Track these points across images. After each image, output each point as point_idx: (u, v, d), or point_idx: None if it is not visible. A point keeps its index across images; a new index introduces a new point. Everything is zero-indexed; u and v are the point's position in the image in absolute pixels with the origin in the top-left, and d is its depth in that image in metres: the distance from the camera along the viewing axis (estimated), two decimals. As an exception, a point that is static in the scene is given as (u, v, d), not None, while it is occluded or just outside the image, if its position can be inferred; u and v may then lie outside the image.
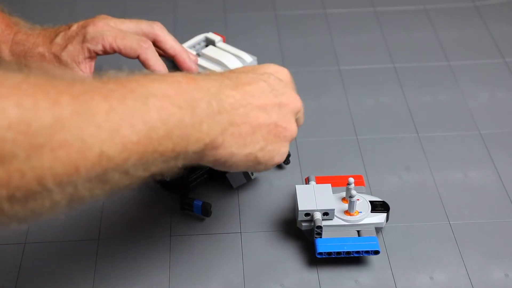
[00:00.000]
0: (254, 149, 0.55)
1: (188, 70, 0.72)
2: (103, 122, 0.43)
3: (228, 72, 0.58)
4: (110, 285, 0.63)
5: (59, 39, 0.68)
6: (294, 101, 0.59)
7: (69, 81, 0.44)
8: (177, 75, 0.51)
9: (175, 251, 0.66)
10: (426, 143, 0.78)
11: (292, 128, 0.58)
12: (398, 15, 0.99)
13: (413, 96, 0.84)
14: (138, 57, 0.68)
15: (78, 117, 0.41)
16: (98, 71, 0.50)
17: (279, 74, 0.59)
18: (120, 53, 0.68)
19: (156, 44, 0.71)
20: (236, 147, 0.53)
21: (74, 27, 0.69)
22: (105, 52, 0.68)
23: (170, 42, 0.72)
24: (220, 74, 0.57)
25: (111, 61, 0.80)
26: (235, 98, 0.53)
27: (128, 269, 0.64)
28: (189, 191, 0.70)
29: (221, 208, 0.70)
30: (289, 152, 0.73)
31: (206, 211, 0.67)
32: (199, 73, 0.55)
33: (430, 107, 0.83)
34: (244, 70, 0.59)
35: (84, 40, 0.67)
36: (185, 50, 0.73)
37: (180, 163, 0.50)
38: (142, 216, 0.69)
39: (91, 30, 0.68)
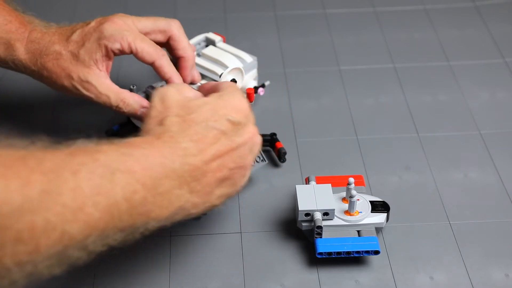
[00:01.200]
0: (213, 201, 0.56)
1: (183, 78, 0.71)
2: (69, 201, 0.44)
3: (187, 121, 0.56)
4: (110, 285, 0.63)
5: (75, 36, 0.67)
6: (251, 138, 0.57)
7: (40, 155, 0.45)
8: (144, 145, 0.51)
9: (175, 251, 0.66)
10: (426, 143, 0.78)
11: (249, 162, 0.58)
12: (398, 15, 0.99)
13: (413, 96, 0.84)
14: (153, 63, 0.68)
15: (47, 197, 0.42)
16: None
17: (235, 111, 0.57)
18: (137, 55, 0.67)
19: (169, 42, 0.71)
20: (196, 207, 0.54)
21: (92, 23, 0.68)
22: (122, 51, 0.67)
23: (183, 44, 0.71)
24: (182, 131, 0.55)
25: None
26: (195, 167, 0.53)
27: (128, 269, 0.64)
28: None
29: (221, 208, 0.70)
30: (285, 150, 0.74)
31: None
32: (160, 129, 0.55)
33: (430, 107, 0.83)
34: (203, 114, 0.56)
35: (101, 37, 0.66)
36: (193, 58, 0.72)
37: (138, 234, 0.51)
38: (142, 216, 0.69)
39: (109, 27, 0.67)
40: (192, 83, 0.72)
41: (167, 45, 0.71)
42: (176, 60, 0.71)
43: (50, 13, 0.95)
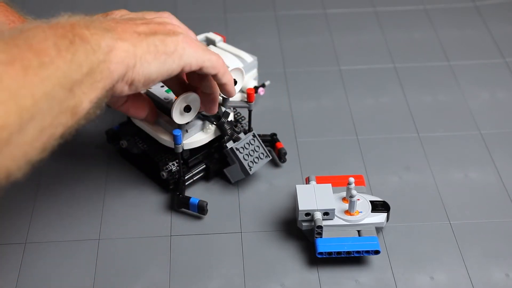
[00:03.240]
0: (148, 39, 0.56)
1: None
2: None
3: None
4: (110, 285, 0.63)
5: None
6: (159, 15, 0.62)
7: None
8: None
9: (175, 251, 0.66)
10: (427, 143, 0.78)
11: (167, 24, 0.59)
12: (398, 15, 0.99)
13: (413, 96, 0.84)
14: None
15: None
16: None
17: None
18: None
19: None
20: (130, 44, 0.54)
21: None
22: None
23: None
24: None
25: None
26: (96, 19, 0.55)
27: (128, 269, 0.64)
28: (185, 190, 0.70)
29: (221, 208, 0.70)
30: (285, 150, 0.74)
31: (202, 209, 0.67)
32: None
33: (430, 107, 0.83)
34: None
35: None
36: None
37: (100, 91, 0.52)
38: (142, 216, 0.69)
39: None
40: None
41: None
42: None
43: (50, 11, 0.95)
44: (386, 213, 0.65)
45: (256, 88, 0.81)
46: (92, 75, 0.51)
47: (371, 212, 0.65)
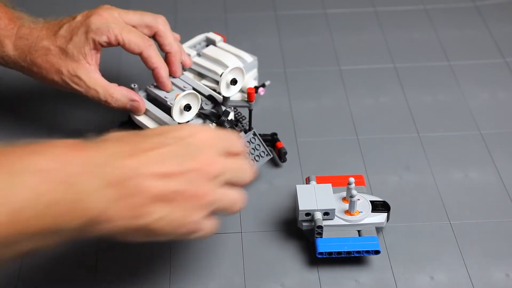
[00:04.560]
0: (148, 220, 0.48)
1: (172, 74, 0.72)
2: None
3: (134, 135, 0.52)
4: (110, 285, 0.63)
5: (63, 31, 0.68)
6: (208, 165, 0.51)
7: None
8: (61, 145, 0.47)
9: (175, 251, 0.66)
10: (427, 143, 0.78)
11: (205, 193, 0.50)
12: (398, 15, 0.99)
13: (413, 96, 0.84)
14: (140, 54, 0.68)
15: None
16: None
17: (193, 137, 0.52)
18: (124, 46, 0.68)
19: (155, 37, 0.71)
20: (126, 220, 0.48)
21: (78, 17, 0.68)
22: (109, 43, 0.67)
23: (169, 39, 0.71)
24: (121, 139, 0.51)
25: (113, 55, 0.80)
26: (124, 170, 0.48)
27: (128, 269, 0.64)
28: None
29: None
30: (286, 150, 0.74)
31: None
32: (97, 139, 0.51)
33: (430, 107, 0.83)
34: (156, 132, 0.53)
35: (88, 30, 0.67)
36: (180, 52, 0.72)
37: (57, 239, 0.47)
38: (143, 216, 0.69)
39: (96, 20, 0.67)
40: (183, 67, 0.74)
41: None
42: (165, 54, 0.72)
43: (51, 7, 0.95)
44: (386, 213, 0.65)
45: (256, 88, 0.81)
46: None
47: (371, 212, 0.65)
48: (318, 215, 0.63)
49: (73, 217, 0.46)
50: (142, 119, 0.70)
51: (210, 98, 0.70)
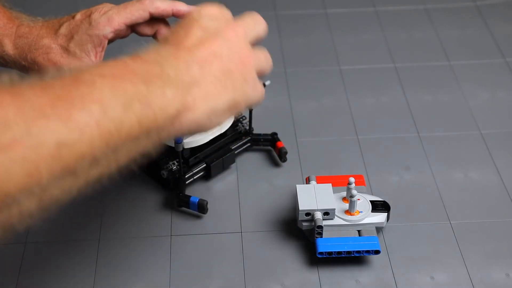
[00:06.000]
0: (227, 94, 0.51)
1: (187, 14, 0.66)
2: (51, 111, 0.40)
3: (164, 38, 0.54)
4: (110, 285, 0.63)
5: (63, 30, 0.67)
6: (234, 28, 0.55)
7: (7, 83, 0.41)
8: (121, 57, 0.47)
9: (175, 251, 0.66)
10: (427, 143, 0.78)
11: (246, 52, 0.54)
12: (398, 15, 0.99)
13: (413, 96, 0.84)
14: (150, 14, 0.66)
15: (23, 114, 0.39)
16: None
17: (212, 15, 0.57)
18: (131, 22, 0.66)
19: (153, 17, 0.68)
20: (210, 102, 0.50)
21: (78, 16, 0.68)
22: (116, 32, 0.66)
23: (164, 6, 0.68)
24: (158, 45, 0.53)
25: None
26: (183, 58, 0.50)
27: (128, 269, 0.64)
28: (186, 189, 0.70)
29: (222, 208, 0.70)
30: (286, 150, 0.74)
31: (202, 208, 0.67)
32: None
33: (430, 107, 0.83)
34: (180, 25, 0.55)
35: (90, 27, 0.66)
36: (174, 2, 0.69)
37: (155, 139, 0.47)
38: (142, 216, 0.69)
39: (96, 16, 0.66)
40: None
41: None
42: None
43: (52, 7, 0.95)
44: (386, 213, 0.65)
45: (256, 88, 0.81)
46: (139, 141, 0.46)
47: (371, 212, 0.65)
48: (318, 215, 0.63)
49: (160, 109, 0.46)
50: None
51: None
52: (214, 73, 0.51)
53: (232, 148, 0.73)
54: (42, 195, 0.41)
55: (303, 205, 0.63)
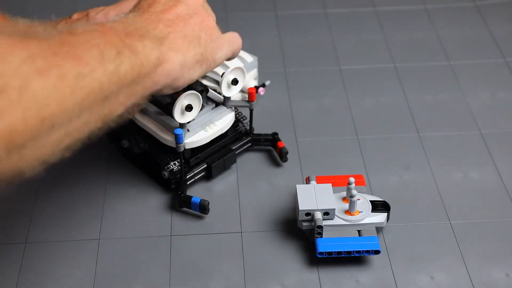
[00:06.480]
0: (194, 48, 0.58)
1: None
2: (62, 52, 0.46)
3: (132, 8, 0.61)
4: (110, 285, 0.63)
5: (61, 28, 0.67)
6: None
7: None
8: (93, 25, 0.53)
9: (175, 251, 0.66)
10: (427, 142, 0.78)
11: (205, 14, 0.62)
12: (398, 15, 0.99)
13: (413, 96, 0.84)
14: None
15: (45, 51, 0.45)
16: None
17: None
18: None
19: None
20: (180, 55, 0.57)
21: (75, 15, 0.68)
22: None
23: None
24: (127, 13, 0.59)
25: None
26: (151, 20, 0.57)
27: (128, 269, 0.64)
28: (187, 189, 0.70)
29: (222, 208, 0.70)
30: (287, 150, 0.74)
31: (204, 208, 0.67)
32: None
33: (430, 107, 0.83)
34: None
35: (87, 24, 0.66)
36: None
37: (143, 88, 0.54)
38: (142, 216, 0.69)
39: (93, 13, 0.67)
40: None
41: None
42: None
43: (51, 9, 0.95)
44: (386, 213, 0.65)
45: (256, 88, 0.81)
46: (133, 86, 0.52)
47: (371, 212, 0.65)
48: (318, 215, 0.63)
49: (141, 64, 0.53)
50: (142, 119, 0.70)
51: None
52: (179, 31, 0.58)
53: (233, 148, 0.73)
54: (68, 128, 0.46)
55: (303, 205, 0.63)
